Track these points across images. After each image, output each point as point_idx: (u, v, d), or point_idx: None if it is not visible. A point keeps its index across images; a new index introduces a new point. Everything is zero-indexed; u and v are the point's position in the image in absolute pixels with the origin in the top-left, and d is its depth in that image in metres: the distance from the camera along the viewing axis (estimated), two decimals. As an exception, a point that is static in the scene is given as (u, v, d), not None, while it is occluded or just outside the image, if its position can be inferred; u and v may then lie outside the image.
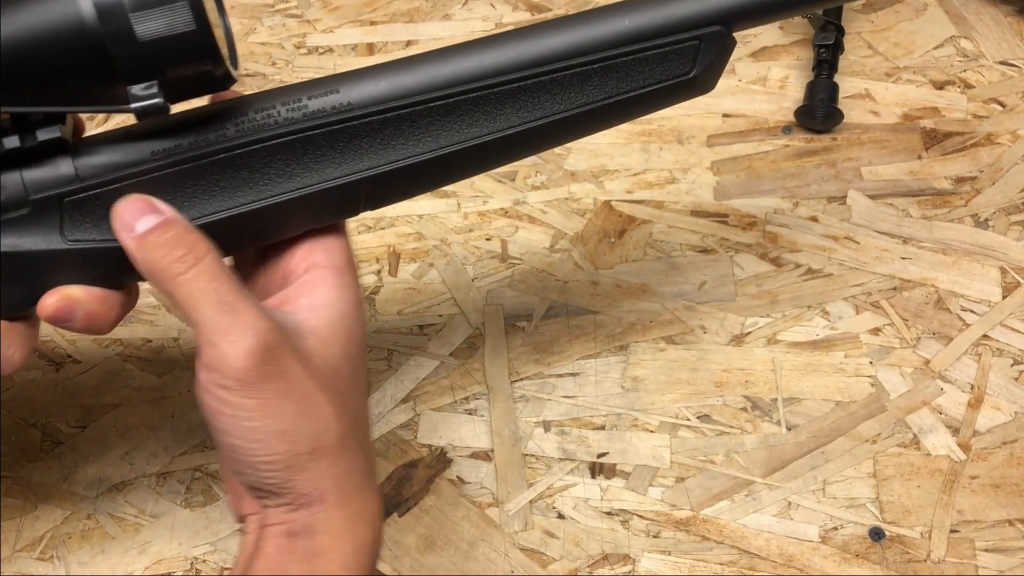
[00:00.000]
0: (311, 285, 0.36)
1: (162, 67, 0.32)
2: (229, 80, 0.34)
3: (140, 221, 0.33)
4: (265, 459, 0.33)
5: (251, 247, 0.38)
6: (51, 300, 0.35)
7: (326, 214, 0.37)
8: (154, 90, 0.32)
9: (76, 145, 0.35)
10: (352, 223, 0.57)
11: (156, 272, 0.33)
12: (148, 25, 0.30)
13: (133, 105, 0.32)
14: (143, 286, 0.38)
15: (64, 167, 0.34)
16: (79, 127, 0.37)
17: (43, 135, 0.34)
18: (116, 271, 0.35)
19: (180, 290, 0.32)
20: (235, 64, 0.35)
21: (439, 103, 0.35)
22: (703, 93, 0.38)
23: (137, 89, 0.32)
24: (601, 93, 0.37)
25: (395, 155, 0.36)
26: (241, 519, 0.35)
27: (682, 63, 0.36)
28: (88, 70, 0.31)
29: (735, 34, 0.37)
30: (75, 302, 0.35)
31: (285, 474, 0.33)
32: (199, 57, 0.32)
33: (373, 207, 0.37)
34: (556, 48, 0.36)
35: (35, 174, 0.34)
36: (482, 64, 0.35)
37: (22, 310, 0.36)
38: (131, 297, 0.38)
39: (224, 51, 0.33)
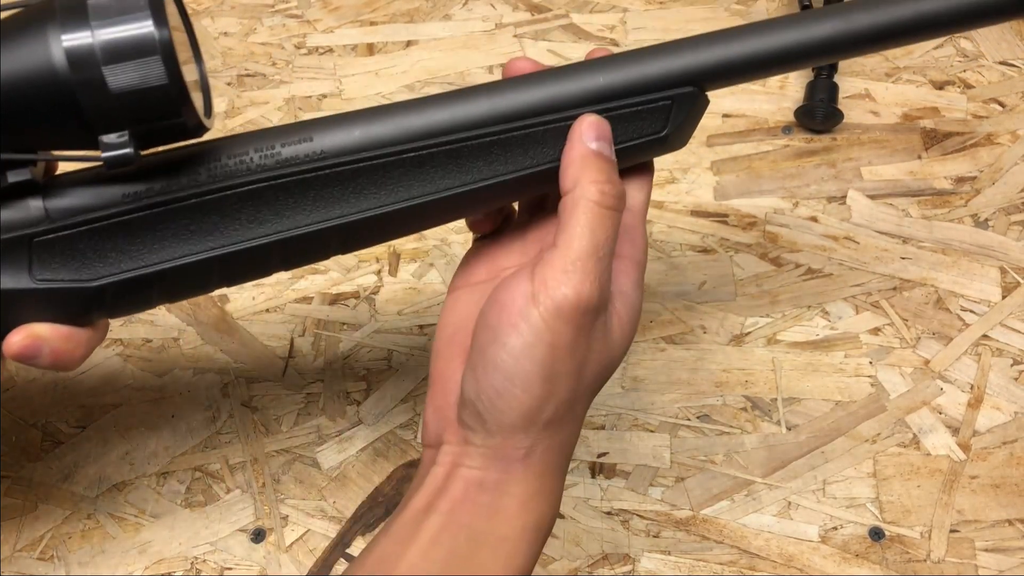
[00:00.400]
0: (620, 274, 0.37)
1: (133, 118, 0.31)
2: (202, 130, 0.33)
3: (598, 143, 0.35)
4: (518, 395, 0.33)
5: (218, 288, 0.38)
6: (17, 338, 0.35)
7: (296, 258, 0.37)
8: (125, 139, 0.32)
9: (47, 185, 0.35)
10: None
11: (584, 184, 0.34)
12: (120, 78, 0.30)
13: (104, 154, 0.32)
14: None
15: (34, 208, 0.34)
16: (51, 167, 0.37)
17: (13, 177, 0.34)
18: (84, 309, 0.35)
19: (586, 215, 0.34)
20: (209, 113, 0.34)
21: (411, 155, 0.35)
22: (675, 150, 0.37)
23: (108, 138, 0.32)
24: None
25: (367, 204, 0.36)
26: (435, 445, 0.36)
27: (654, 122, 0.36)
28: (58, 118, 0.31)
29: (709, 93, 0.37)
30: (41, 340, 0.35)
31: (521, 419, 0.33)
32: (171, 110, 0.31)
33: (345, 251, 0.37)
34: (530, 103, 0.35)
35: (4, 214, 0.34)
36: (455, 117, 0.35)
37: None
38: (98, 332, 0.38)
39: (198, 103, 0.33)
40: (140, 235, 0.35)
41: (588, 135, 0.35)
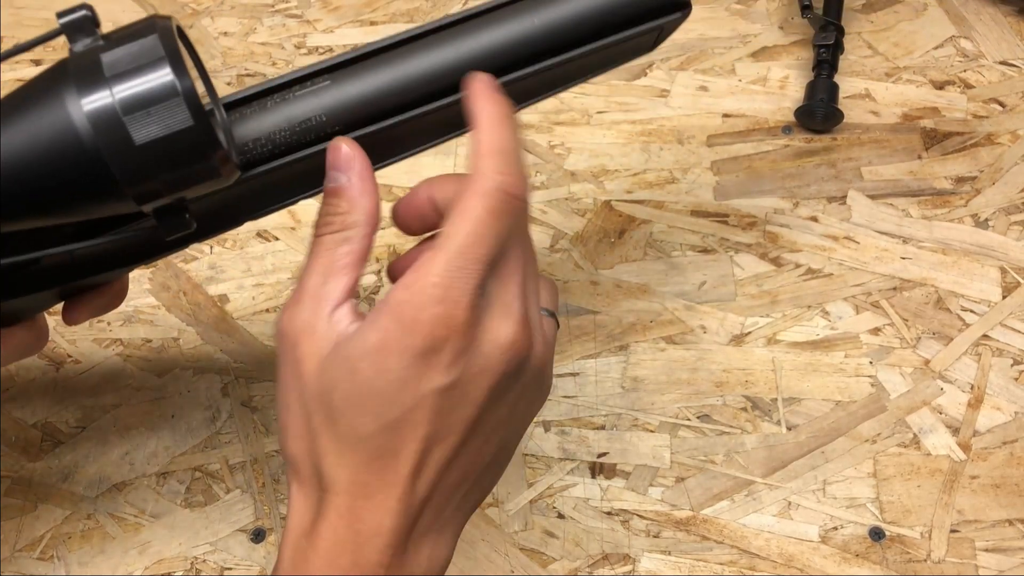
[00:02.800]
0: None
1: (164, 170, 0.30)
2: (232, 170, 0.32)
3: None
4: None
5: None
6: None
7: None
8: (179, 211, 0.32)
9: None
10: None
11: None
12: (144, 130, 0.29)
13: (168, 238, 0.32)
14: (143, 284, 0.38)
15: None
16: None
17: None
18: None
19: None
20: (234, 154, 0.33)
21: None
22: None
23: (157, 208, 0.31)
24: (565, 74, 0.37)
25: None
26: None
27: (639, 45, 0.37)
28: (89, 184, 0.30)
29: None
30: None
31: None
32: (200, 154, 0.30)
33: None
34: (534, 46, 0.35)
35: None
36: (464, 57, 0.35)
37: None
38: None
39: (223, 140, 0.32)
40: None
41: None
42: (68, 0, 0.32)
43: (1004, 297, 0.53)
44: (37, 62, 0.65)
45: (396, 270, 0.37)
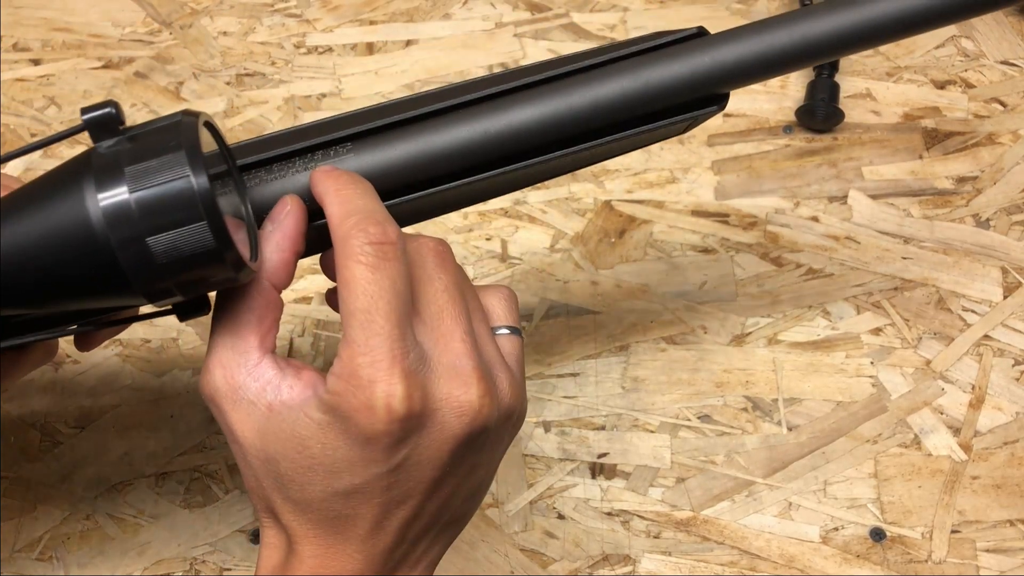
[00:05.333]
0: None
1: (181, 283, 0.30)
2: (248, 273, 0.31)
3: None
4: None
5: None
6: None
7: None
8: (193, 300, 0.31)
9: None
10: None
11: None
12: (164, 249, 0.28)
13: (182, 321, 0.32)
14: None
15: None
16: None
17: None
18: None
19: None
20: (255, 255, 0.32)
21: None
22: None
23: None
24: (592, 156, 0.37)
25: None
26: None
27: (673, 131, 0.37)
28: (106, 295, 0.30)
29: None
30: None
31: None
32: (220, 270, 0.30)
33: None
34: (568, 128, 0.35)
35: None
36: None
37: None
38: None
39: (246, 252, 0.31)
40: None
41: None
42: (66, 2, 0.32)
43: (1005, 297, 0.52)
44: (36, 62, 0.64)
45: (331, 299, 0.37)
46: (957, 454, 0.48)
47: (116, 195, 0.28)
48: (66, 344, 0.53)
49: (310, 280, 0.55)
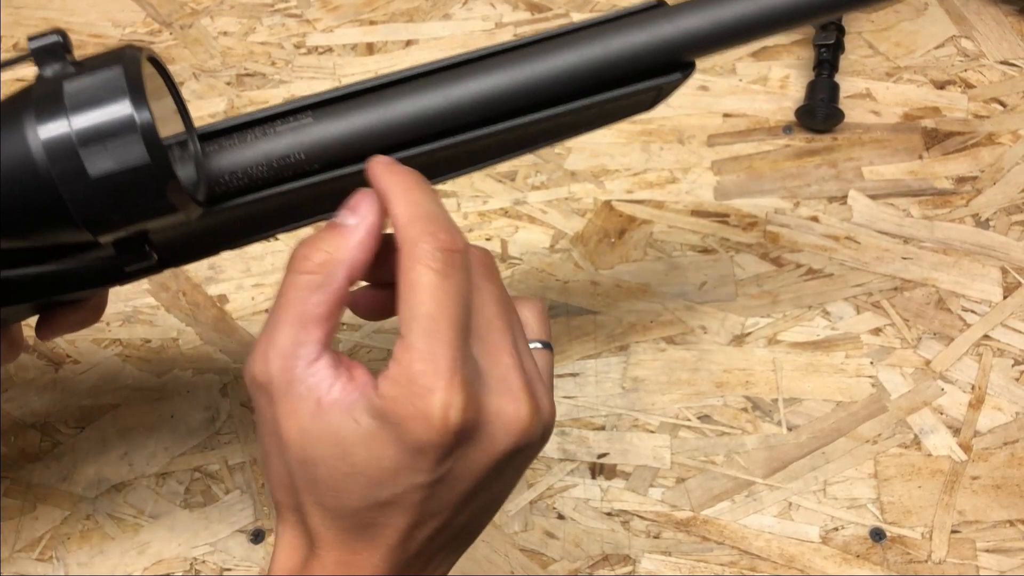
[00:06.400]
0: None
1: (118, 204, 0.30)
2: (193, 208, 0.31)
3: None
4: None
5: None
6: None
7: None
8: (142, 249, 0.31)
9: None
10: (352, 223, 0.57)
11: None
12: (99, 164, 0.29)
13: (128, 269, 0.32)
14: (142, 284, 0.38)
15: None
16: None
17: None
18: None
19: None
20: (200, 189, 0.32)
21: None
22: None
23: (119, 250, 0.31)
24: (556, 127, 0.36)
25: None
26: None
27: (637, 103, 0.36)
28: (44, 213, 0.30)
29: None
30: None
31: None
32: (157, 189, 0.30)
33: None
34: (528, 97, 0.34)
35: None
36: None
37: None
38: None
39: (189, 176, 0.31)
40: None
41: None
42: (66, 2, 0.32)
43: (1005, 297, 0.52)
44: (36, 62, 0.64)
45: (358, 300, 0.36)
46: (957, 454, 0.48)
47: (54, 123, 0.28)
48: (66, 344, 0.53)
49: (310, 280, 0.55)
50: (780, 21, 0.35)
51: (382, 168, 0.32)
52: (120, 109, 0.28)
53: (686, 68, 0.36)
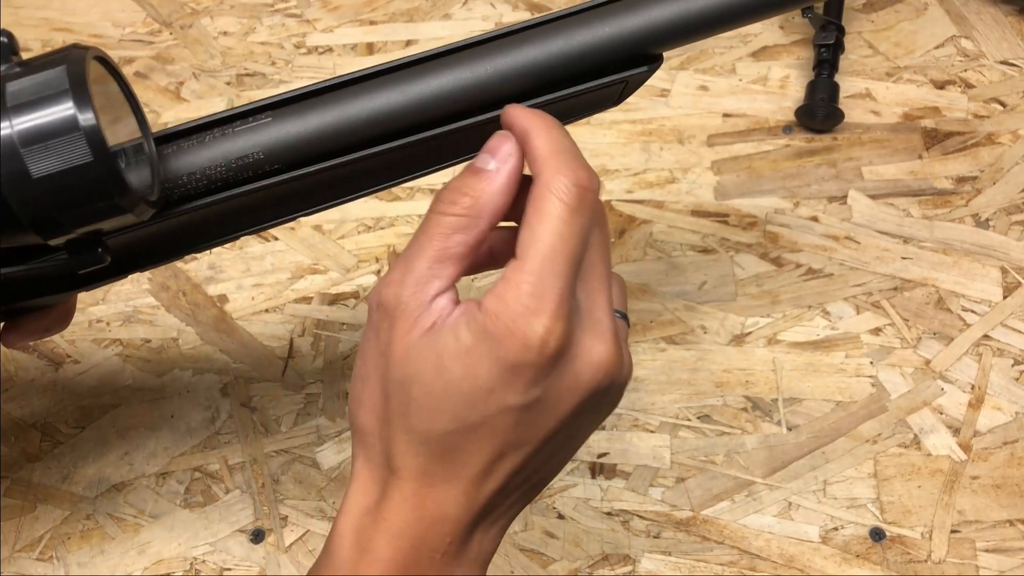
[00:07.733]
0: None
1: (63, 205, 0.29)
2: (144, 208, 0.31)
3: None
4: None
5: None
6: None
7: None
8: (95, 246, 0.31)
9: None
10: (352, 223, 0.57)
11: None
12: (42, 163, 0.28)
13: (79, 269, 0.31)
14: (142, 284, 0.38)
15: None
16: None
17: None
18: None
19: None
20: (154, 190, 0.32)
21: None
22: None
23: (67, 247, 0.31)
24: None
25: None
26: None
27: (603, 99, 0.36)
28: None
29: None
30: None
31: None
32: (103, 190, 0.29)
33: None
34: (488, 94, 0.34)
35: None
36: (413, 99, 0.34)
37: None
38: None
39: (141, 185, 0.31)
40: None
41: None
42: (66, 2, 0.32)
43: (1005, 297, 0.52)
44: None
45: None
46: (957, 454, 0.48)
47: None
48: (66, 344, 0.53)
49: (310, 280, 0.55)
50: (749, 11, 0.35)
51: (522, 110, 0.33)
52: (62, 108, 0.28)
53: (653, 61, 0.35)
